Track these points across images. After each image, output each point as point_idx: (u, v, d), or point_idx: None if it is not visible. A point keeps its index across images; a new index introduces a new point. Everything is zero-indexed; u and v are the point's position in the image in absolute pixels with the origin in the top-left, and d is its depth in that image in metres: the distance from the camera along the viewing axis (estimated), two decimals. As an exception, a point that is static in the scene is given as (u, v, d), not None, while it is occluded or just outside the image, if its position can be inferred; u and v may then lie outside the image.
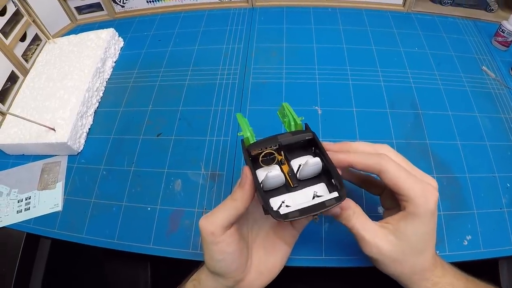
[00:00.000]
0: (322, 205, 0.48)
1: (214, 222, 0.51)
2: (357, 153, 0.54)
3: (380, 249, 0.52)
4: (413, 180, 0.51)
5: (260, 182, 0.52)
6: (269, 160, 0.55)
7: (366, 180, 0.64)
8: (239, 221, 0.54)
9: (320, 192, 0.54)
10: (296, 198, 0.54)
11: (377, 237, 0.52)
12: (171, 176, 0.82)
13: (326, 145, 0.57)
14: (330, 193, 0.51)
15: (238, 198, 0.52)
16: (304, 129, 0.57)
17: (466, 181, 0.78)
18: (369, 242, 0.52)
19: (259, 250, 0.59)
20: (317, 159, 0.52)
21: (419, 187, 0.51)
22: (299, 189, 0.55)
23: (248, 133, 0.55)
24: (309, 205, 0.48)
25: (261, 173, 0.54)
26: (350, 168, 0.56)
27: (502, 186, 0.78)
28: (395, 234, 0.52)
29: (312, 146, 0.57)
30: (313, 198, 0.53)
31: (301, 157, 0.58)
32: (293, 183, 0.55)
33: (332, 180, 0.52)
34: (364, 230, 0.53)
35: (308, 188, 0.55)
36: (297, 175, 0.55)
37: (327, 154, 0.53)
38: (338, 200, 0.48)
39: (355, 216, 0.53)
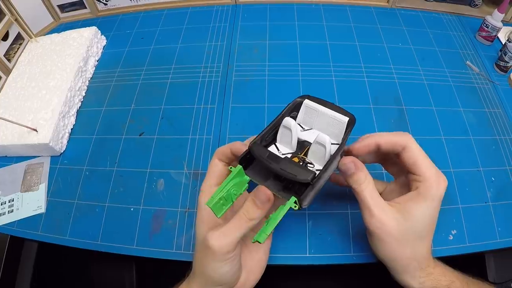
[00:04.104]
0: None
1: (230, 243, 0.49)
2: (382, 133, 0.56)
3: (384, 224, 0.52)
4: (431, 163, 0.53)
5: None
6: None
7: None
8: None
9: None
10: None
11: (384, 212, 0.52)
12: (154, 176, 0.81)
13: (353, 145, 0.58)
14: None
15: (256, 218, 0.50)
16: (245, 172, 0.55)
17: (451, 176, 0.79)
18: (374, 215, 0.52)
19: (244, 250, 0.59)
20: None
21: (434, 170, 0.53)
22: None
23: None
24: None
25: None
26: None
27: (487, 180, 0.79)
28: (402, 213, 0.52)
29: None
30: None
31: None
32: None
33: None
34: (372, 199, 0.53)
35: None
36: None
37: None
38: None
39: (366, 182, 0.53)
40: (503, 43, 1.00)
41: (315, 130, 0.60)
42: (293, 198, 0.49)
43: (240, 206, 0.52)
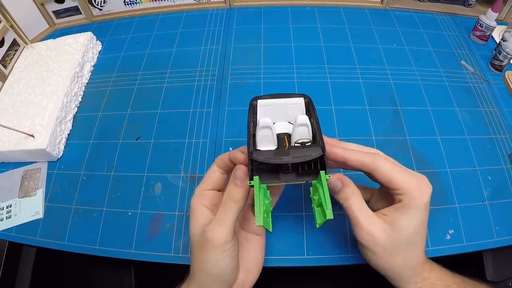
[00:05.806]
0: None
1: (225, 231, 0.50)
2: (352, 150, 0.55)
3: (374, 237, 0.52)
4: (407, 174, 0.52)
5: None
6: None
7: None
8: None
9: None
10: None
11: (372, 224, 0.52)
12: (151, 180, 0.81)
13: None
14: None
15: (240, 199, 0.51)
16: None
17: (447, 176, 0.79)
18: (363, 227, 0.52)
19: (240, 248, 0.58)
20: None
21: (413, 180, 0.52)
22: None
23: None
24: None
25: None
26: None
27: (484, 179, 0.79)
28: (390, 224, 0.52)
29: None
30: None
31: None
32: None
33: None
34: (360, 213, 0.52)
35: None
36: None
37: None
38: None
39: (353, 197, 0.53)
40: (497, 42, 1.01)
41: (280, 122, 0.60)
42: (322, 172, 0.50)
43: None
